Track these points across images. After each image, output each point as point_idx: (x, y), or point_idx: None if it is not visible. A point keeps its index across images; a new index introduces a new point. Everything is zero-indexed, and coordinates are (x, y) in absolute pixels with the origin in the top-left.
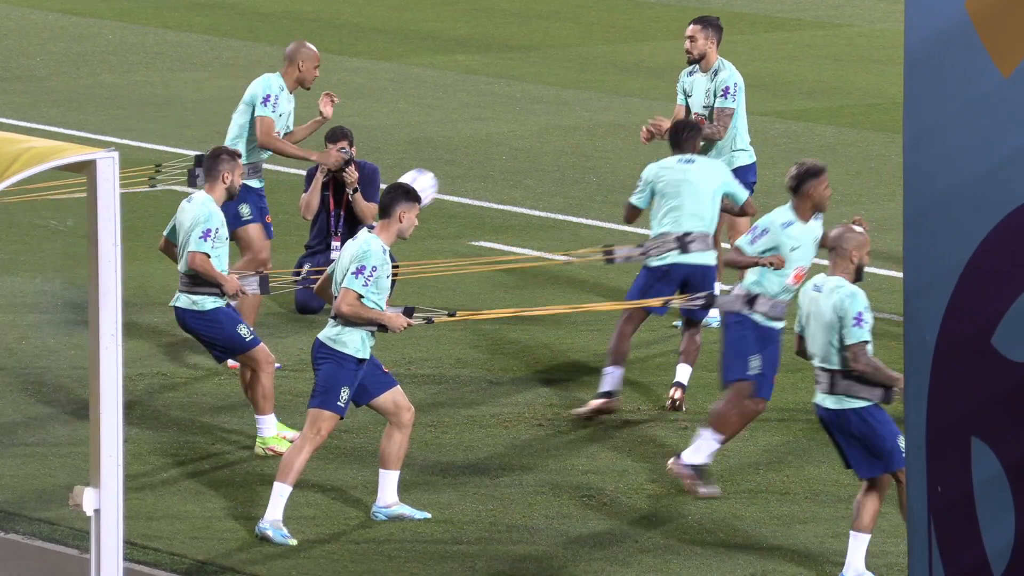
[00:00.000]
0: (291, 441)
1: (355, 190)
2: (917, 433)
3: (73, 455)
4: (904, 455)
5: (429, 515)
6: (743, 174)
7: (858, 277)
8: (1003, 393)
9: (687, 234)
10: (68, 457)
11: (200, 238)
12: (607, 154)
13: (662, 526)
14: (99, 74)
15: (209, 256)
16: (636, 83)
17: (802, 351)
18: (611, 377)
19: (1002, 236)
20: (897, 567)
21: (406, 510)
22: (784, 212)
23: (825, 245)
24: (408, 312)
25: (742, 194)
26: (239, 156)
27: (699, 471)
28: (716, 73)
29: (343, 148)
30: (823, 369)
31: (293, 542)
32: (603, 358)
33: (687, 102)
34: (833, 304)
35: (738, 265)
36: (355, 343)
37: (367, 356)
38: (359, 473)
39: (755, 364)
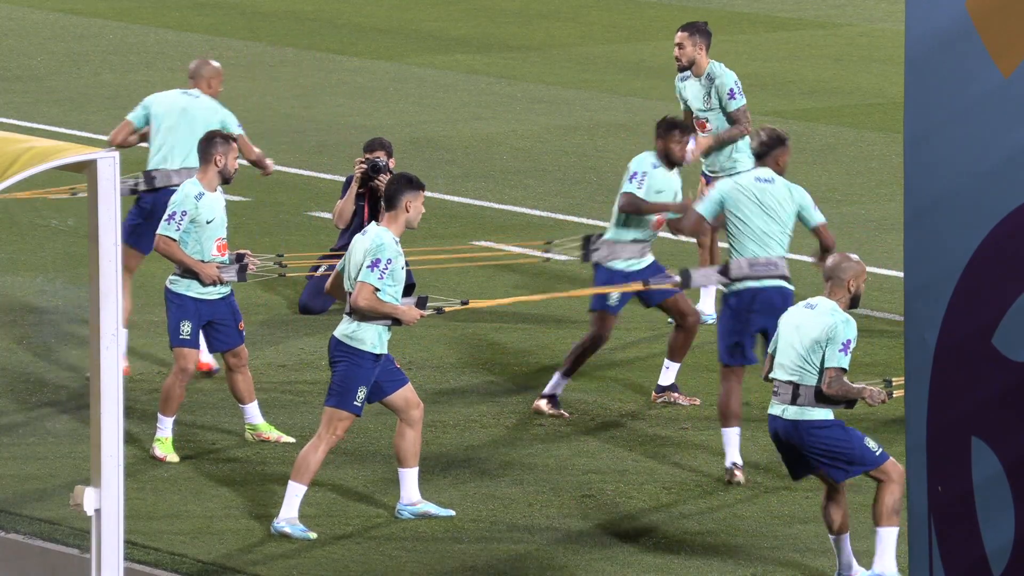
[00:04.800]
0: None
1: None
2: (917, 433)
3: (73, 455)
4: (876, 454)
5: (453, 513)
6: None
7: (853, 305)
8: (1003, 393)
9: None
10: (68, 457)
11: (165, 221)
12: (608, 154)
13: (662, 526)
14: (100, 74)
15: (173, 240)
16: (637, 83)
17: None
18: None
19: (1002, 236)
20: (897, 567)
21: (431, 508)
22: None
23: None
24: (421, 303)
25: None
26: (233, 140)
27: None
28: (711, 79)
29: (377, 158)
30: (787, 382)
31: (313, 535)
32: (602, 356)
33: (687, 107)
34: (826, 324)
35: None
36: (372, 339)
37: (384, 351)
38: (359, 473)
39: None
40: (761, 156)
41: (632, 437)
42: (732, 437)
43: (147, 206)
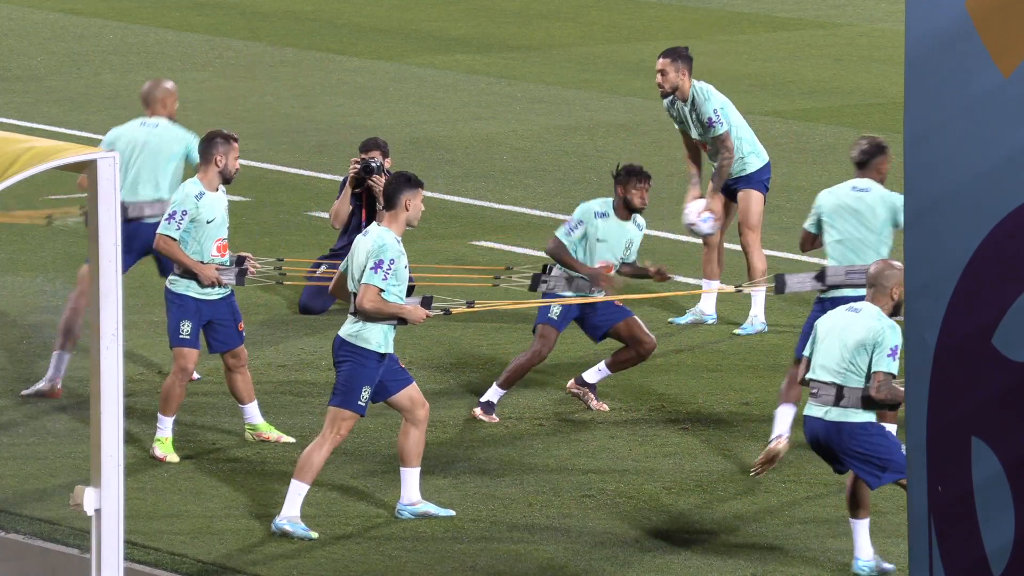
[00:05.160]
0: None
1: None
2: (917, 433)
3: (73, 455)
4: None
5: (453, 513)
6: (758, 175)
7: (895, 312)
8: (1003, 393)
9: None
10: (68, 457)
11: (165, 220)
12: (608, 154)
13: (662, 526)
14: (100, 74)
15: (174, 239)
16: (637, 83)
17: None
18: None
19: (1002, 235)
20: (897, 567)
21: (431, 508)
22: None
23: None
24: (426, 303)
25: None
26: (235, 139)
27: None
28: (694, 103)
29: (372, 159)
30: (829, 383)
31: (314, 535)
32: (603, 356)
33: (687, 129)
34: (872, 329)
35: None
36: (377, 338)
37: (389, 350)
38: (359, 473)
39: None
40: (862, 165)
41: (632, 437)
42: (788, 413)
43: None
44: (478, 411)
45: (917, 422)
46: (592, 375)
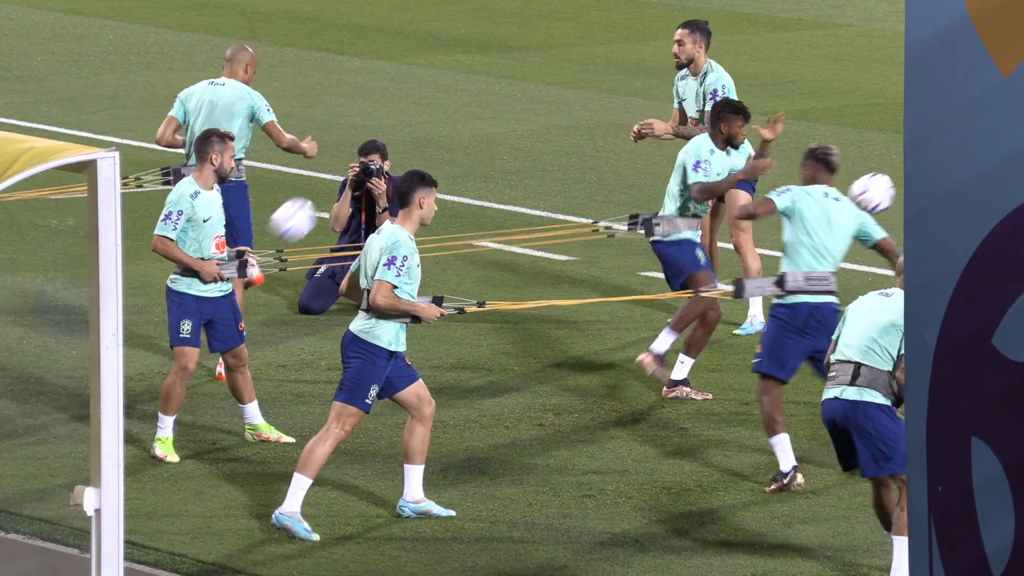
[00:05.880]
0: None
1: (384, 209)
2: (917, 433)
3: (73, 455)
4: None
5: (454, 513)
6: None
7: None
8: (1003, 393)
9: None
10: (68, 457)
11: (161, 221)
12: (608, 154)
13: (662, 526)
14: (100, 74)
15: (171, 239)
16: (637, 83)
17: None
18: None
19: (1002, 235)
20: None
21: (433, 507)
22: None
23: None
24: (438, 302)
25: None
26: (231, 138)
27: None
28: (705, 76)
29: (371, 161)
30: (848, 361)
31: (315, 537)
32: (603, 356)
33: (682, 106)
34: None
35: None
36: (389, 336)
37: (400, 348)
38: (359, 473)
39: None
40: (831, 171)
41: (632, 437)
42: (785, 443)
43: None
44: (647, 359)
45: (917, 422)
46: (679, 371)
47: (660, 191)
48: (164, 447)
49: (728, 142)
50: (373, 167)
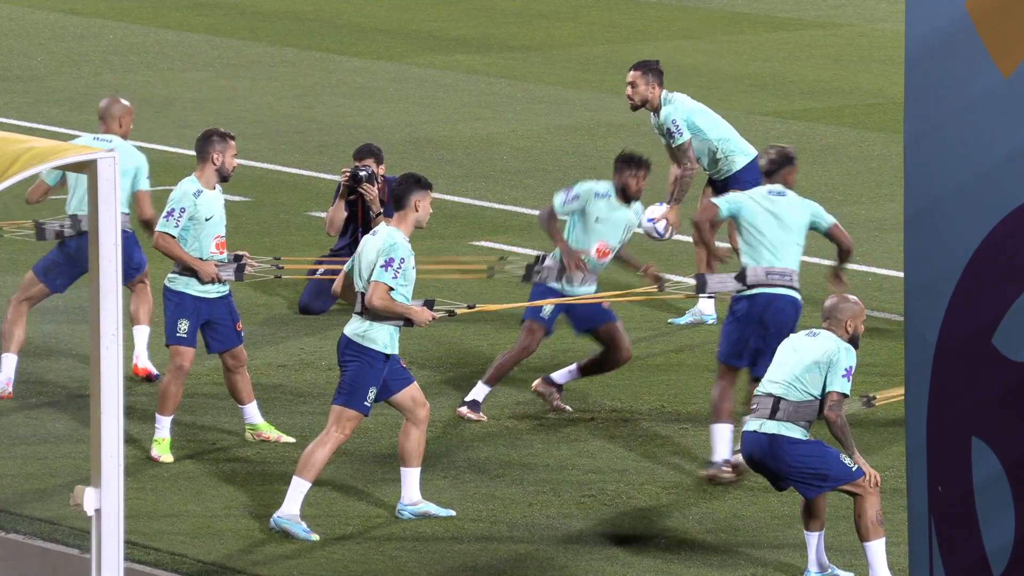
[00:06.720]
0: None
1: (378, 214)
2: (917, 433)
3: (73, 455)
4: (852, 469)
5: (453, 513)
6: (744, 175)
7: (852, 344)
8: (1003, 393)
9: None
10: (68, 457)
11: (163, 218)
12: (608, 154)
13: (662, 526)
14: (100, 74)
15: (172, 236)
16: None
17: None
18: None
19: (1002, 236)
20: (897, 567)
21: (431, 508)
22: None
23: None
24: (428, 305)
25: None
26: (231, 137)
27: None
28: (659, 112)
29: (365, 166)
30: (768, 395)
31: (315, 537)
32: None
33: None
34: (828, 349)
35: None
36: (383, 339)
37: (395, 351)
38: (359, 473)
39: None
40: (770, 174)
41: (632, 437)
42: (725, 433)
43: (71, 250)
44: (464, 410)
45: (917, 422)
46: (561, 376)
47: (660, 191)
48: (160, 448)
49: (622, 193)
50: (362, 173)
